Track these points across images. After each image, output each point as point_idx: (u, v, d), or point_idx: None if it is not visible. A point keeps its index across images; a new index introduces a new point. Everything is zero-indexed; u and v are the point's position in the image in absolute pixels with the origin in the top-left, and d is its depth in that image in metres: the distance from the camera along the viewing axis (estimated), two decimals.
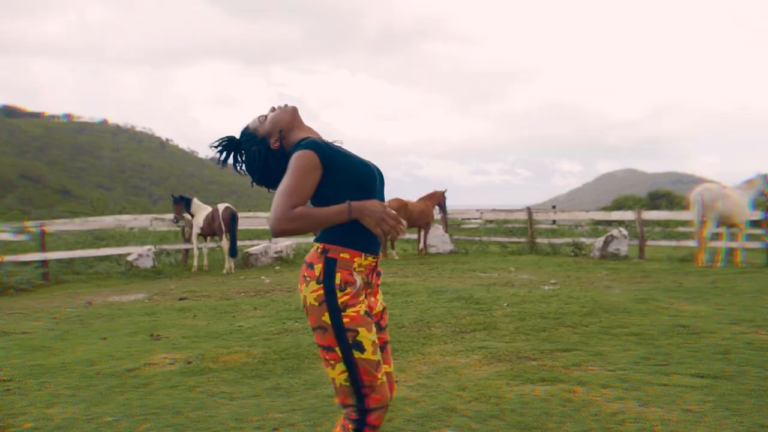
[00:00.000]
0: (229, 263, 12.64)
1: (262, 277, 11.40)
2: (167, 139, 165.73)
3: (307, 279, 2.24)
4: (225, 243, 12.70)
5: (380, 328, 2.43)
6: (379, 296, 2.47)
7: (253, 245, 14.61)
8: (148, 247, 13.27)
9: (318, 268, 2.22)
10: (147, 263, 12.77)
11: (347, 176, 2.25)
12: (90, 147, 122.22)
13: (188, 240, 13.92)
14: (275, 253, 13.95)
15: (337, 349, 2.20)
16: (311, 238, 13.56)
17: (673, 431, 3.23)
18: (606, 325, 5.86)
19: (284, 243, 14.41)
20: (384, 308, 2.49)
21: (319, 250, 2.26)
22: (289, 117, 2.45)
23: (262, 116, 2.48)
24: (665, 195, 33.25)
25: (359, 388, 2.20)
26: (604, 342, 5.25)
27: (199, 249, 13.45)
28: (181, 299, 8.89)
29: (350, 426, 2.20)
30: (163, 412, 3.86)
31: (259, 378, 4.58)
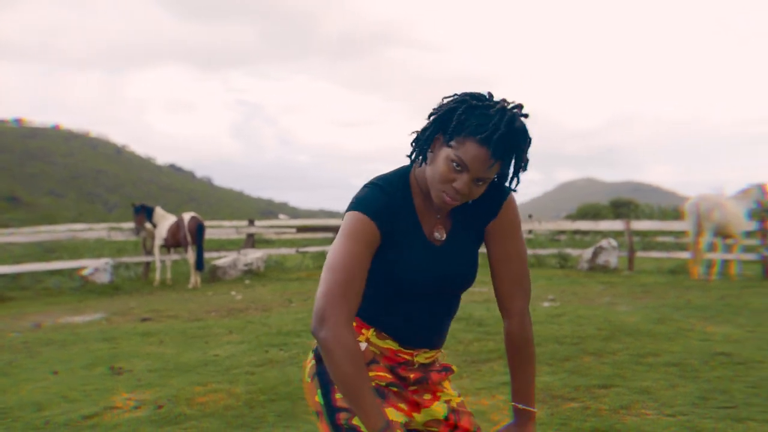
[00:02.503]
0: (195, 277, 11.70)
1: (233, 293, 10.50)
2: (123, 145, 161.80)
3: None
4: (191, 255, 11.75)
5: None
6: (445, 394, 1.82)
7: (220, 257, 13.66)
8: (105, 260, 12.19)
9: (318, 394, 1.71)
10: (104, 278, 11.70)
11: None
12: (41, 152, 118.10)
13: (149, 252, 12.89)
14: (245, 265, 13.04)
15: None
16: (283, 249, 12.67)
17: None
18: (634, 353, 5.20)
19: (254, 255, 13.52)
20: (456, 412, 1.79)
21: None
22: None
23: None
24: (628, 203, 33.21)
25: None
26: (642, 375, 4.58)
27: (162, 262, 12.45)
28: (143, 320, 7.97)
29: None
30: None
31: (248, 428, 3.76)
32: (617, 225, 13.41)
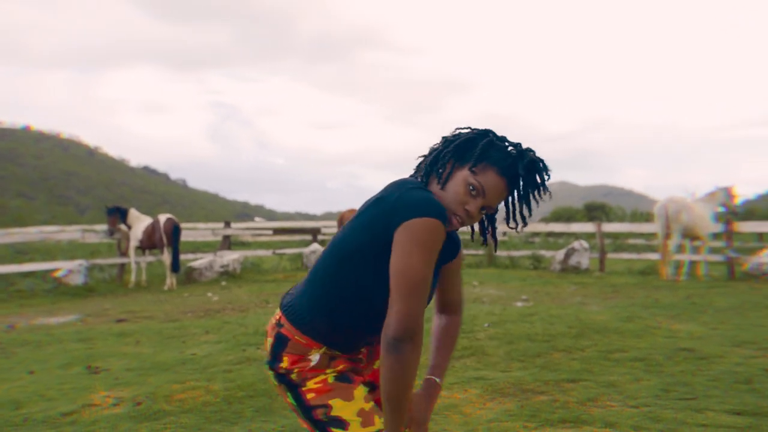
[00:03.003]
0: (170, 279, 11.68)
1: (209, 294, 10.52)
2: (96, 147, 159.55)
3: (282, 359, 1.79)
4: (166, 257, 11.73)
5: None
6: None
7: (196, 258, 13.64)
8: (79, 261, 12.11)
9: (269, 342, 1.83)
10: (78, 279, 11.62)
11: None
12: (10, 154, 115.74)
13: (124, 254, 12.82)
14: (221, 267, 13.04)
15: None
16: (260, 251, 12.68)
17: None
18: (603, 349, 5.37)
19: (230, 257, 13.53)
20: None
21: (275, 320, 1.84)
22: None
23: None
24: (601, 207, 33.74)
25: None
26: (609, 370, 4.75)
27: (137, 263, 12.40)
28: (119, 321, 7.97)
29: None
30: None
31: (226, 423, 3.84)
32: (589, 227, 13.68)
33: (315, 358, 1.75)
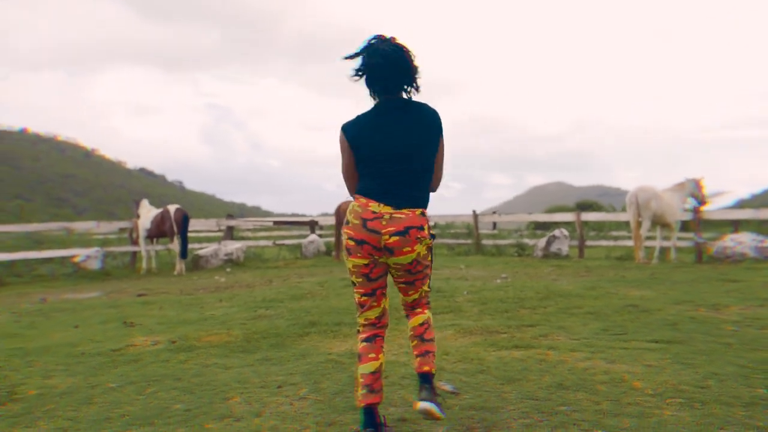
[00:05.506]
0: (180, 264, 12.58)
1: (216, 277, 11.43)
2: (93, 149, 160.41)
3: (421, 239, 2.80)
4: (176, 244, 12.64)
5: None
6: (417, 248, 3.09)
7: (201, 248, 14.54)
8: (96, 248, 13.03)
9: (427, 227, 2.83)
10: (95, 265, 12.55)
11: None
12: (8, 156, 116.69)
13: (135, 243, 13.74)
14: (225, 255, 13.95)
15: (430, 273, 3.00)
16: (261, 242, 13.56)
17: (643, 381, 3.63)
18: (563, 307, 6.31)
19: (234, 245, 14.43)
20: (417, 262, 3.13)
21: (421, 214, 2.82)
22: None
23: None
24: (592, 205, 34.83)
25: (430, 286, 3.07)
26: (564, 320, 5.68)
27: (147, 251, 13.31)
28: (139, 295, 8.88)
29: (427, 306, 3.06)
30: (164, 379, 4.00)
31: (247, 352, 4.76)
32: (569, 217, 14.63)
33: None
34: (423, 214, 2.82)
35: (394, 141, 2.77)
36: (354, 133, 2.83)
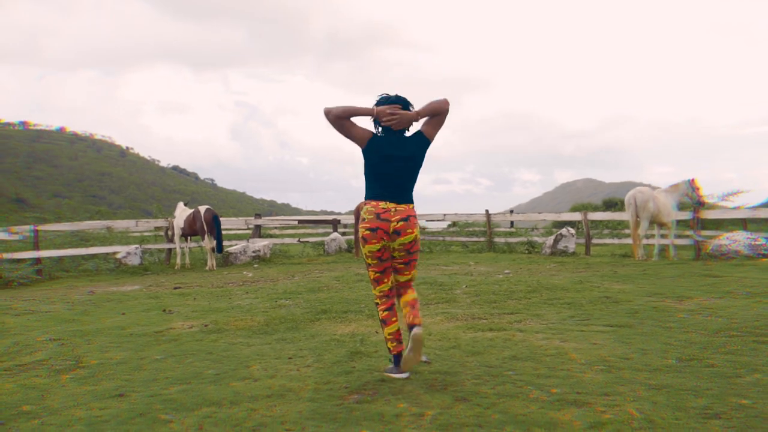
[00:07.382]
0: (211, 260, 13.64)
1: (244, 272, 12.45)
2: (128, 147, 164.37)
3: (416, 224, 4.03)
4: (207, 242, 13.70)
5: None
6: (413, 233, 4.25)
7: (231, 245, 15.63)
8: (135, 246, 14.19)
9: (416, 215, 4.09)
10: (135, 261, 13.70)
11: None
12: (47, 155, 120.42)
13: (171, 240, 14.87)
14: (253, 252, 15.00)
15: (417, 259, 4.18)
16: (287, 240, 14.59)
17: (581, 354, 4.47)
18: (546, 298, 7.14)
19: (261, 243, 15.47)
20: (413, 242, 4.25)
21: (412, 207, 4.06)
22: None
23: None
24: (617, 203, 35.19)
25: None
26: (542, 309, 6.51)
27: (182, 248, 14.41)
28: (176, 288, 9.91)
29: (413, 289, 4.17)
30: (199, 353, 4.96)
31: (266, 334, 5.70)
32: (576, 216, 15.35)
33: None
34: (413, 207, 4.07)
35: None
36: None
